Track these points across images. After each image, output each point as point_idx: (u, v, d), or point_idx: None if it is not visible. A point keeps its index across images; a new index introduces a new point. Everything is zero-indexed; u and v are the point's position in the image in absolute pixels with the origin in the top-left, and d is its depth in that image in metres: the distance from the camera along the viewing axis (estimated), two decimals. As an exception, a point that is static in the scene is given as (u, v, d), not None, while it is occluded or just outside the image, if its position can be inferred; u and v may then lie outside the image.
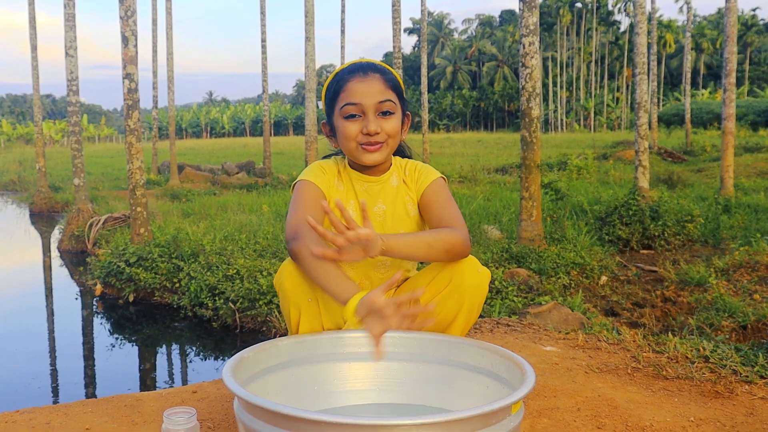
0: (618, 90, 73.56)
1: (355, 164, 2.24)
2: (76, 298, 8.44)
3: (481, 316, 3.88)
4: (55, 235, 12.96)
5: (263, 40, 20.35)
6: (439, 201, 2.20)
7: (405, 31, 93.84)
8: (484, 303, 2.26)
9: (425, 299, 2.13)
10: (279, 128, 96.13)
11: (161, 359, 6.33)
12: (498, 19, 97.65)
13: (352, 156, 2.18)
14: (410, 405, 2.06)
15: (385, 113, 2.10)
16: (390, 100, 2.10)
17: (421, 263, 2.41)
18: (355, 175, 2.23)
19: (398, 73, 2.20)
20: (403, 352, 2.09)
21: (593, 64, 69.48)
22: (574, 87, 70.89)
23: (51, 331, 7.01)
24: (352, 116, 2.09)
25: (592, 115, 64.61)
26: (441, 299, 2.09)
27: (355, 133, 2.10)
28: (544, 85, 67.90)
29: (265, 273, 6.65)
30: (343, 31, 22.29)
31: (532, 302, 5.64)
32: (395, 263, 2.27)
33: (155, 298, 7.57)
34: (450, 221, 2.13)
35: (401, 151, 2.37)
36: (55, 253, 11.35)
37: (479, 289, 2.09)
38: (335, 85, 2.13)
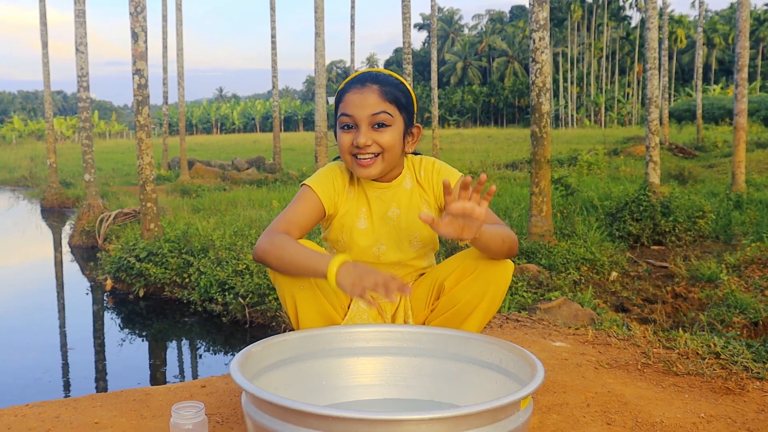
0: (629, 85, 73.26)
1: None
2: (87, 293, 8.47)
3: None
4: (66, 230, 13.01)
5: (273, 36, 20.35)
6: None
7: (415, 26, 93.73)
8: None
9: (450, 285, 2.13)
10: (289, 124, 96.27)
11: (171, 354, 6.34)
12: (508, 15, 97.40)
13: (349, 168, 2.16)
14: (419, 400, 2.06)
15: (380, 125, 2.06)
16: (385, 112, 2.06)
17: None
18: (367, 182, 2.21)
19: (407, 82, 2.16)
20: (411, 347, 2.09)
21: (604, 59, 69.22)
22: (585, 82, 70.59)
23: (62, 326, 7.04)
24: (347, 127, 2.08)
25: (603, 110, 64.30)
26: (466, 284, 2.09)
27: (348, 144, 2.08)
28: (555, 81, 67.70)
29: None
30: (353, 27, 22.28)
31: (541, 298, 5.63)
32: (409, 263, 2.26)
33: (165, 293, 7.59)
34: (496, 222, 2.10)
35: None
36: (65, 248, 11.40)
37: (504, 278, 2.09)
38: (338, 95, 2.13)
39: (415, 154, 2.31)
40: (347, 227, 2.20)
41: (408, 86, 2.14)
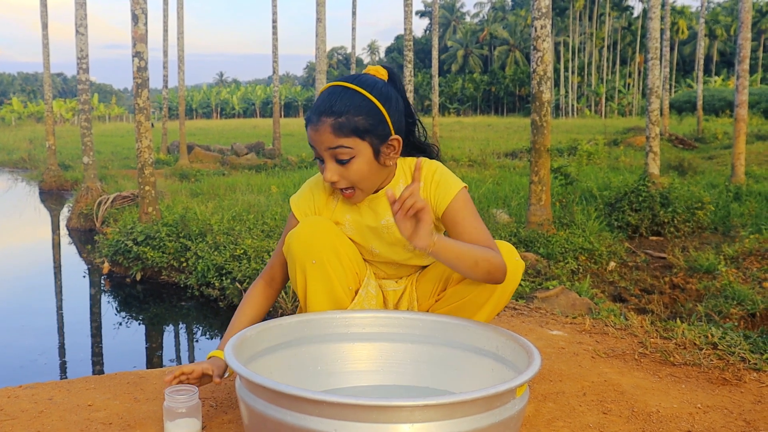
0: (630, 76, 73.16)
1: None
2: (84, 276, 8.46)
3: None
4: (64, 213, 13.00)
5: (274, 21, 20.28)
6: (466, 222, 2.04)
7: (417, 13, 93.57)
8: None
9: (458, 277, 2.10)
10: (289, 110, 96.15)
11: (167, 338, 6.34)
12: (510, 3, 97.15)
13: None
14: (415, 387, 2.05)
15: (342, 159, 1.96)
16: (342, 147, 1.93)
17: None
18: None
19: (375, 95, 1.97)
20: (408, 334, 2.08)
21: (605, 49, 69.02)
22: (586, 72, 70.44)
23: (58, 309, 7.02)
24: (318, 159, 2.01)
25: (603, 100, 64.19)
26: (475, 281, 2.05)
27: (323, 176, 2.02)
28: (556, 70, 67.52)
29: (272, 253, 6.64)
30: (354, 13, 22.20)
31: (539, 286, 5.62)
32: (407, 263, 2.23)
33: (162, 277, 7.58)
34: (487, 245, 2.00)
35: (417, 149, 2.21)
36: (63, 231, 11.38)
37: (514, 277, 2.03)
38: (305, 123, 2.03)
39: (418, 150, 2.21)
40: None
41: (374, 101, 1.97)
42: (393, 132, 2.01)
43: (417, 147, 2.21)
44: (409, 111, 2.14)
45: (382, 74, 2.09)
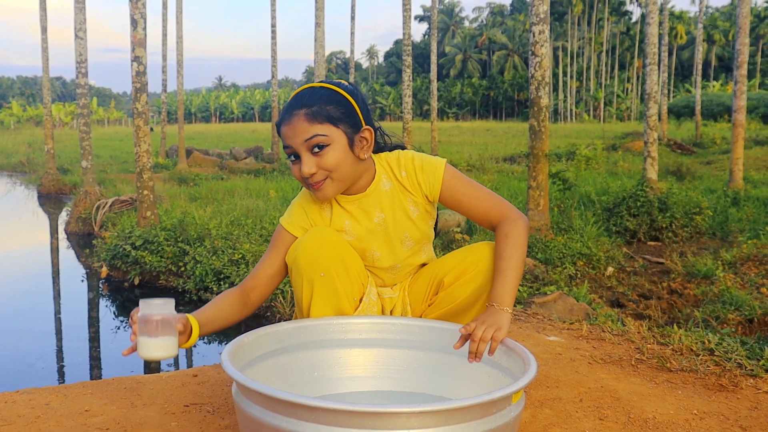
0: (628, 81, 73.26)
1: None
2: (82, 280, 8.45)
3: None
4: (63, 217, 12.99)
5: (273, 26, 20.30)
6: (467, 197, 2.12)
7: (415, 18, 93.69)
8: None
9: (449, 281, 2.11)
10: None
11: (165, 343, 6.32)
12: (509, 8, 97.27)
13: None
14: (410, 393, 2.05)
15: (317, 148, 1.97)
16: (318, 135, 1.95)
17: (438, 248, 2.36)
18: (341, 197, 2.14)
19: (345, 88, 2.04)
20: (404, 340, 2.08)
21: (604, 54, 69.16)
22: (584, 77, 70.56)
23: (56, 313, 7.02)
24: (292, 158, 2.02)
25: (602, 105, 64.30)
26: (466, 281, 2.07)
27: (298, 174, 2.02)
28: (554, 75, 67.60)
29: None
30: (353, 18, 22.21)
31: (537, 292, 5.62)
32: (405, 263, 2.24)
33: (160, 282, 7.57)
34: (498, 210, 2.11)
35: (385, 147, 2.22)
36: (62, 234, 11.38)
37: None
38: (277, 128, 2.07)
39: (393, 147, 2.22)
40: None
41: (344, 94, 2.02)
42: (364, 123, 2.04)
43: (386, 149, 2.22)
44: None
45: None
